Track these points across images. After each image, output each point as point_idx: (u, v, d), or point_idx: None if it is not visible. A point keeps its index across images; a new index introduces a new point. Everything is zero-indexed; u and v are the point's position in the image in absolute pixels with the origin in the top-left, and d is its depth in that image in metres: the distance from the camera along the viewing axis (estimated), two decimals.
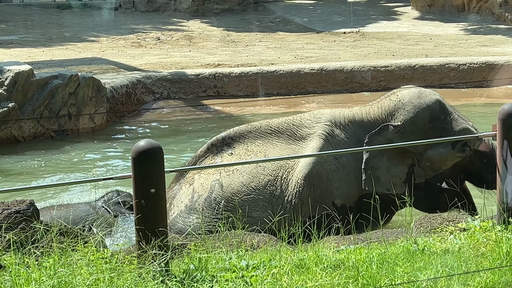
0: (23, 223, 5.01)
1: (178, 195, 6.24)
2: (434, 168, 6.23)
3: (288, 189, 6.02)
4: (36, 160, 9.82)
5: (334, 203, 6.05)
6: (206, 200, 6.05)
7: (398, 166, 6.16)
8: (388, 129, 6.07)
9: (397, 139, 6.03)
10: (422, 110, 6.13)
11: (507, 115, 5.25)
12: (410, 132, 6.08)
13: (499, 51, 14.69)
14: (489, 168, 6.15)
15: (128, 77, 12.85)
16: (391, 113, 6.19)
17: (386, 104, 6.25)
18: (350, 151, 6.05)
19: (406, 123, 6.10)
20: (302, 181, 6.01)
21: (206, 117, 12.25)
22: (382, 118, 6.20)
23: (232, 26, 20.07)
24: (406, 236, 5.25)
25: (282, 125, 6.31)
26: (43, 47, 16.74)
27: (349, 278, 4.51)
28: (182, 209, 6.12)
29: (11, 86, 10.40)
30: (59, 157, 9.99)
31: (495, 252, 4.87)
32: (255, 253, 4.95)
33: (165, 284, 4.37)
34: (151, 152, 4.59)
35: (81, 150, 10.32)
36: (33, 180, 8.87)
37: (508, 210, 5.22)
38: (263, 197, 6.01)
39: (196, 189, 6.14)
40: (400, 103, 6.18)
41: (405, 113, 6.14)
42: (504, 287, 4.46)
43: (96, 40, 18.07)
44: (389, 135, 6.07)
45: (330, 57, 14.61)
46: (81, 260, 4.50)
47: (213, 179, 6.12)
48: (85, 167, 9.55)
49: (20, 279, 4.28)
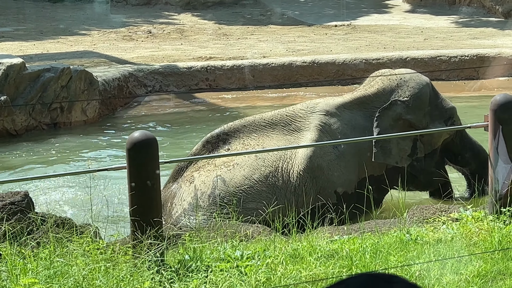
0: (18, 214, 5.02)
1: (179, 194, 6.22)
2: (432, 143, 6.51)
3: (290, 180, 6.08)
4: (30, 153, 9.81)
5: (336, 192, 6.15)
6: (210, 196, 6.05)
7: (405, 140, 6.37)
8: (397, 104, 6.31)
9: (405, 113, 6.33)
10: (424, 86, 6.47)
11: (498, 106, 5.30)
12: (417, 106, 6.39)
13: (490, 43, 14.73)
14: (466, 147, 6.67)
15: (120, 70, 12.83)
16: (392, 91, 6.41)
17: (384, 84, 6.44)
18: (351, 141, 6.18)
19: (412, 98, 6.38)
20: (304, 174, 6.07)
21: (199, 109, 12.25)
22: (383, 97, 6.39)
23: (223, 19, 20.04)
24: (399, 226, 5.29)
25: (276, 117, 6.35)
26: (35, 40, 16.68)
27: (343, 268, 4.54)
28: (186, 207, 6.11)
29: (2, 79, 10.38)
30: (52, 150, 9.98)
31: (487, 241, 4.92)
32: (249, 243, 4.97)
33: (160, 274, 4.39)
34: (146, 143, 4.61)
35: (74, 142, 10.31)
36: (27, 172, 8.86)
37: (500, 199, 5.27)
38: (266, 189, 6.06)
39: (198, 187, 6.14)
40: (402, 81, 6.44)
41: (410, 89, 6.40)
42: (496, 275, 4.50)
43: (87, 33, 18.02)
44: (399, 109, 6.32)
45: (322, 50, 14.62)
46: (76, 250, 4.52)
47: (214, 176, 6.12)
48: (78, 159, 9.55)
49: (17, 270, 4.29)
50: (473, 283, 4.36)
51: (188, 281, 4.34)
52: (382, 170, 6.27)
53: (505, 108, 5.30)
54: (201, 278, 4.37)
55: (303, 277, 4.40)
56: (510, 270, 4.54)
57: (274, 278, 4.37)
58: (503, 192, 5.27)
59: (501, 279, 4.46)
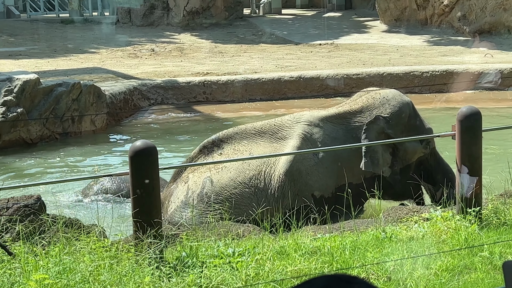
0: (31, 216, 4.99)
1: (175, 193, 6.25)
2: (406, 159, 6.44)
3: (271, 183, 6.06)
4: (43, 159, 9.78)
5: (313, 195, 6.10)
6: (198, 195, 6.06)
7: (386, 152, 6.34)
8: (379, 119, 6.27)
9: (387, 128, 6.27)
10: (404, 105, 6.40)
11: (465, 117, 5.30)
12: (396, 123, 6.32)
13: (458, 60, 14.77)
14: (439, 169, 6.54)
15: (126, 84, 12.82)
16: (375, 108, 6.35)
17: (369, 102, 6.39)
18: (328, 149, 6.11)
19: (393, 115, 6.32)
20: (284, 176, 6.04)
21: (196, 119, 12.24)
22: (366, 114, 6.34)
23: (219, 38, 20.05)
24: (375, 225, 5.28)
25: (265, 126, 6.35)
26: (48, 58, 16.65)
27: (325, 263, 4.53)
28: (178, 204, 6.12)
29: (19, 93, 10.35)
30: (63, 157, 9.95)
31: (454, 239, 4.91)
32: (240, 241, 4.96)
33: (159, 270, 4.37)
34: (147, 151, 4.58)
35: (83, 150, 10.28)
36: (40, 177, 8.83)
37: (465, 200, 5.27)
38: (249, 190, 6.04)
39: (190, 186, 6.16)
40: (385, 99, 6.39)
41: (391, 107, 6.35)
42: (463, 269, 4.50)
43: (96, 51, 18.00)
44: (382, 124, 6.26)
45: (307, 66, 14.63)
46: (83, 248, 4.50)
47: (204, 177, 6.14)
48: (86, 165, 9.52)
49: (29, 266, 4.27)
50: (441, 277, 4.35)
51: (185, 276, 4.32)
52: (361, 179, 6.21)
53: (470, 118, 5.30)
54: (197, 273, 4.35)
55: (289, 272, 4.38)
56: (475, 265, 4.53)
57: (262, 273, 4.36)
58: (468, 195, 5.27)
59: (467, 273, 4.46)
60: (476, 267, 4.50)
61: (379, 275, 4.36)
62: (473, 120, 5.29)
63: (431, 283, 4.26)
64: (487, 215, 5.32)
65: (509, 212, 5.35)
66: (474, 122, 5.29)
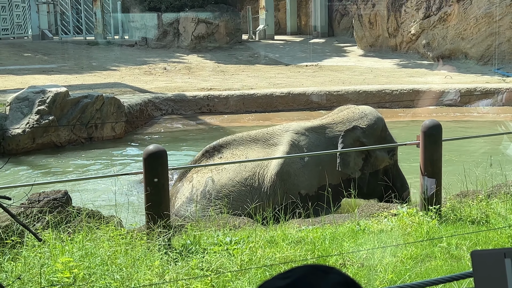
0: (59, 208, 4.97)
1: (181, 190, 6.23)
2: (375, 165, 6.42)
3: (264, 182, 6.05)
4: (70, 160, 9.74)
5: (299, 193, 6.09)
6: (201, 192, 6.05)
7: (358, 157, 6.31)
8: (357, 128, 6.26)
9: (362, 137, 6.25)
10: (379, 120, 6.41)
11: (427, 128, 5.31)
12: (370, 134, 6.31)
13: (423, 80, 14.79)
14: (398, 178, 6.55)
15: (141, 97, 12.80)
16: (354, 120, 6.35)
17: (349, 115, 6.38)
18: (312, 154, 6.09)
19: (369, 127, 6.31)
20: (275, 177, 6.03)
21: (200, 128, 12.21)
22: (346, 125, 6.32)
23: (221, 59, 20.04)
24: (351, 219, 5.27)
25: (258, 134, 6.34)
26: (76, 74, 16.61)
27: (308, 251, 4.51)
28: (184, 200, 6.10)
29: (51, 103, 10.33)
30: (87, 158, 9.92)
31: (418, 231, 4.91)
32: (236, 232, 4.94)
33: (167, 255, 4.36)
34: (158, 154, 4.57)
35: (105, 153, 10.25)
36: (67, 175, 8.79)
37: (427, 199, 5.27)
38: (245, 188, 6.03)
39: (194, 185, 6.14)
40: (363, 113, 6.40)
41: (368, 120, 6.35)
42: (425, 258, 4.49)
43: (117, 69, 17.97)
44: (358, 133, 6.26)
45: (295, 84, 14.63)
46: (103, 236, 4.48)
47: (207, 177, 6.13)
48: (107, 165, 9.49)
49: (56, 251, 4.25)
50: (406, 264, 4.34)
51: (189, 261, 4.31)
52: (339, 180, 6.20)
53: (432, 129, 5.31)
54: (199, 258, 4.33)
55: (277, 258, 4.37)
56: (435, 254, 4.53)
57: (255, 259, 4.34)
58: (429, 195, 5.27)
59: (428, 260, 4.45)
60: (436, 256, 4.50)
61: (354, 262, 4.35)
62: (435, 131, 5.29)
63: (398, 269, 4.25)
64: (445, 212, 5.32)
65: (464, 210, 5.35)
66: (436, 132, 5.30)
